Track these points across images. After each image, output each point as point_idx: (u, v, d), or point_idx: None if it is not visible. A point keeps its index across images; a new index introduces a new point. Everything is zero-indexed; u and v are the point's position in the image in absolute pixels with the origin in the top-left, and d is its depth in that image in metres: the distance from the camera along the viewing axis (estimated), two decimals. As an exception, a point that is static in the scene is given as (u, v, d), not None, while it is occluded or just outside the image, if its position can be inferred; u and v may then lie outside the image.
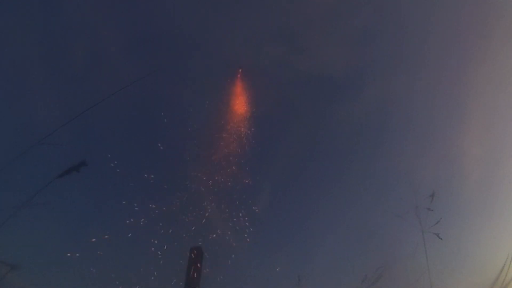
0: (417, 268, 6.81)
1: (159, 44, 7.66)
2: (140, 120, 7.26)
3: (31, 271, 5.56)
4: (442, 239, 6.78)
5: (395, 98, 8.11)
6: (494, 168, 7.92)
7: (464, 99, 8.14)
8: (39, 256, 5.77)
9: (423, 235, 7.00)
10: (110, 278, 5.91)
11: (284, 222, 7.26)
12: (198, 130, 7.38)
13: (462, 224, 7.15)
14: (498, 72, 8.04)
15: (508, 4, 8.18)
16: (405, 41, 8.27)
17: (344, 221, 7.17)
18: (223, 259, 6.55)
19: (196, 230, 6.61)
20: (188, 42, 7.75)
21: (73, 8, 7.24)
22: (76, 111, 6.10)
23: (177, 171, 7.11)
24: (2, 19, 6.70)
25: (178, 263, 5.90)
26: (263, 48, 8.05)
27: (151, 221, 6.59)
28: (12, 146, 5.88)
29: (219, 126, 7.55)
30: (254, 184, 7.35)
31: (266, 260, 6.81)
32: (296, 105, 7.97)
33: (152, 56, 7.55)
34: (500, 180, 7.83)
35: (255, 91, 7.93)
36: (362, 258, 6.84)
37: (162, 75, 7.12)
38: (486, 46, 8.15)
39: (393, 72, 8.12)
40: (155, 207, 6.64)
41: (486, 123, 8.05)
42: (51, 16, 7.19)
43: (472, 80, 8.09)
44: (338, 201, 7.29)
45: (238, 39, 8.01)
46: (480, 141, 7.90)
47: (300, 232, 7.15)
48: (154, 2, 7.85)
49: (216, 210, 6.90)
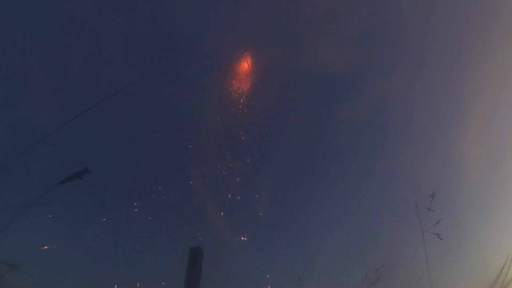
0: (417, 268, 6.82)
1: (160, 44, 7.67)
2: (140, 120, 7.25)
3: (31, 271, 5.57)
4: (442, 239, 6.80)
5: (395, 98, 8.12)
6: (494, 168, 7.92)
7: (464, 99, 8.14)
8: (39, 256, 5.78)
9: (423, 235, 7.01)
10: (110, 278, 5.91)
11: (284, 222, 7.25)
12: (198, 130, 7.41)
13: (462, 224, 7.14)
14: (498, 72, 8.04)
15: (508, 4, 8.20)
16: (405, 41, 8.27)
17: (344, 221, 7.16)
18: (223, 259, 6.56)
19: (196, 230, 6.63)
20: (188, 42, 7.75)
21: (74, 8, 7.25)
22: (76, 111, 6.12)
23: (177, 171, 7.13)
24: (2, 19, 6.71)
25: (178, 263, 5.92)
26: (263, 48, 8.06)
27: (151, 221, 6.61)
28: (12, 146, 5.89)
29: (219, 126, 7.55)
30: (254, 184, 7.38)
31: (266, 260, 6.81)
32: (295, 105, 7.96)
33: (152, 56, 7.55)
34: (500, 180, 7.83)
35: (255, 91, 7.93)
36: (362, 258, 6.83)
37: (162, 75, 7.16)
38: (486, 46, 8.16)
39: (393, 72, 8.13)
40: (155, 207, 6.66)
41: (486, 123, 8.06)
42: (51, 16, 7.20)
43: (472, 80, 8.09)
44: (338, 201, 7.28)
45: (238, 39, 8.02)
46: (480, 141, 7.90)
47: (300, 232, 7.14)
48: (154, 2, 7.86)
49: (217, 210, 6.91)
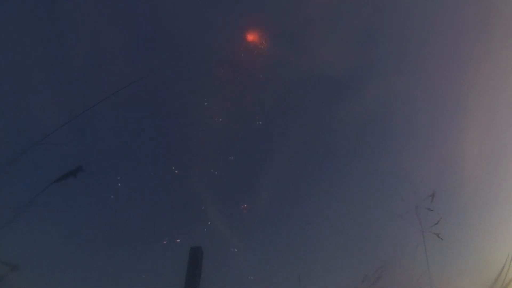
0: (417, 268, 6.83)
1: (159, 44, 7.66)
2: (140, 120, 7.26)
3: (31, 271, 5.57)
4: (442, 239, 6.81)
5: (395, 98, 8.10)
6: (494, 168, 7.92)
7: (464, 99, 8.13)
8: (39, 256, 5.77)
9: (423, 235, 7.02)
10: (109, 278, 5.92)
11: (284, 222, 7.25)
12: (198, 130, 7.41)
13: (462, 224, 7.15)
14: (498, 72, 8.04)
15: (508, 4, 8.19)
16: (405, 41, 8.26)
17: (344, 221, 7.16)
18: (223, 259, 6.56)
19: (196, 230, 6.63)
20: (188, 42, 7.73)
21: (74, 8, 7.24)
22: (75, 111, 6.13)
23: (177, 171, 7.12)
24: (2, 19, 6.70)
25: (178, 263, 5.93)
26: (263, 48, 8.05)
27: (151, 221, 6.61)
28: (12, 146, 5.89)
29: (219, 126, 7.54)
30: (254, 183, 7.38)
31: (266, 260, 6.81)
32: (295, 105, 7.96)
33: (152, 56, 7.54)
34: (500, 180, 7.84)
35: (255, 91, 7.92)
36: (362, 258, 6.83)
37: (162, 75, 7.16)
38: (486, 46, 8.15)
39: (393, 72, 8.12)
40: (155, 207, 6.66)
41: (486, 123, 8.05)
42: (50, 16, 7.19)
43: (472, 80, 8.09)
44: (338, 200, 7.28)
45: (237, 39, 8.02)
46: (480, 141, 7.90)
47: (300, 232, 7.13)
48: (154, 2, 7.86)
49: (216, 210, 6.91)
